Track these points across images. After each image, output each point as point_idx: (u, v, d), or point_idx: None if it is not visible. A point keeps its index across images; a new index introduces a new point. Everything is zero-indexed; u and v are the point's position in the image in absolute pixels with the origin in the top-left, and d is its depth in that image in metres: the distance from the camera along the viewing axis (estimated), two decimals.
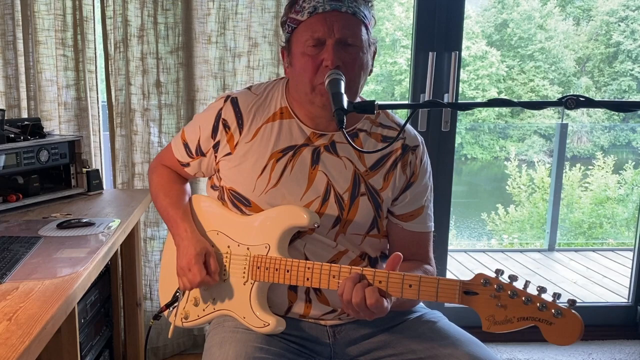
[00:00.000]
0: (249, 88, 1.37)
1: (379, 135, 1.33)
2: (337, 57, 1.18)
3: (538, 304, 1.01)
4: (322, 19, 1.18)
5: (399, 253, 1.14)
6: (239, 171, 1.31)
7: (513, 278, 1.04)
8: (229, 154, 1.33)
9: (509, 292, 1.03)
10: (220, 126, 1.33)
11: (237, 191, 1.32)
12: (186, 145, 1.41)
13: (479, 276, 1.06)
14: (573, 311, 1.00)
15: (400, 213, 1.35)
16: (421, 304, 1.41)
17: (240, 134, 1.32)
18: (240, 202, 1.31)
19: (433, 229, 1.39)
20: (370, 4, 1.25)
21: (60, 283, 1.18)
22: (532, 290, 1.03)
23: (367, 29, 1.23)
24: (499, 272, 1.05)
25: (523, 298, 1.02)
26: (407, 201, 1.34)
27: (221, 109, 1.34)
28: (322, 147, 1.29)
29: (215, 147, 1.35)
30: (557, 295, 1.02)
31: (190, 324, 1.37)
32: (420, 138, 1.37)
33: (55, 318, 1.05)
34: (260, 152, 1.30)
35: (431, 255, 1.39)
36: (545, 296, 1.02)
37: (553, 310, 1.00)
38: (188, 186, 1.50)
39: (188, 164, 1.43)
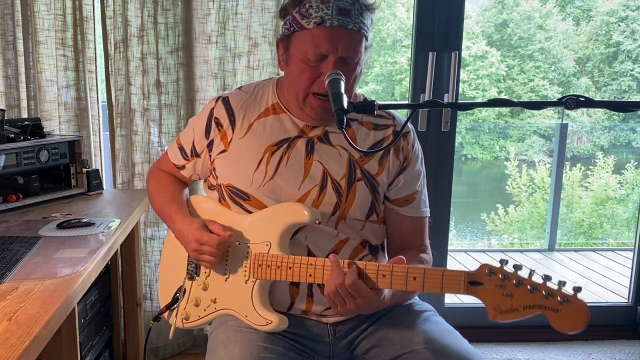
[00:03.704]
0: (240, 88, 1.40)
1: (370, 124, 1.35)
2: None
3: (544, 292, 1.02)
4: (327, 34, 1.18)
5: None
6: (235, 167, 1.33)
7: (518, 267, 1.05)
8: (224, 151, 1.34)
9: (514, 281, 1.04)
10: (213, 125, 1.35)
11: (235, 187, 1.32)
12: (181, 149, 1.43)
13: (484, 266, 1.07)
14: (579, 298, 1.00)
15: (395, 198, 1.36)
16: (416, 297, 1.43)
17: (233, 130, 1.33)
18: (240, 197, 1.32)
19: (429, 214, 1.41)
20: (372, 11, 1.25)
21: (60, 283, 1.18)
22: (537, 278, 1.04)
23: (366, 39, 1.24)
24: (503, 261, 1.06)
25: (528, 286, 1.03)
26: (400, 185, 1.35)
27: (213, 108, 1.36)
28: (316, 138, 1.31)
29: (209, 146, 1.36)
30: (562, 283, 1.02)
31: (191, 325, 1.37)
32: (410, 125, 1.39)
33: (55, 318, 1.05)
34: (255, 146, 1.31)
35: (427, 242, 1.40)
36: (550, 284, 1.03)
37: (559, 298, 1.01)
38: (186, 190, 1.50)
39: (183, 167, 1.45)
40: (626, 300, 2.83)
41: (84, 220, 1.63)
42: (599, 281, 4.08)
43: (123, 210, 1.81)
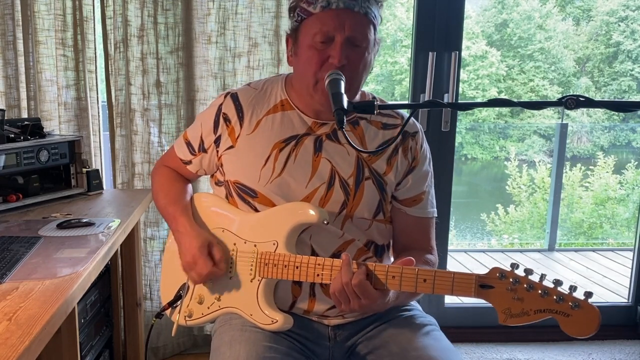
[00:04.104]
0: (249, 84, 1.40)
1: (379, 123, 1.34)
2: (344, 55, 1.19)
3: (555, 297, 1.03)
4: (334, 15, 1.19)
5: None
6: (242, 163, 1.32)
7: (529, 271, 1.06)
8: (231, 147, 1.34)
9: (525, 285, 1.05)
10: (221, 120, 1.35)
11: (242, 183, 1.32)
12: (188, 144, 1.43)
13: (495, 270, 1.07)
14: (590, 303, 1.01)
15: (403, 198, 1.36)
16: (419, 307, 1.42)
17: (241, 126, 1.33)
18: (247, 194, 1.32)
19: (436, 215, 1.41)
20: (380, 4, 1.25)
21: (60, 283, 1.18)
22: (548, 283, 1.05)
23: (375, 28, 1.24)
24: (514, 265, 1.07)
25: (540, 291, 1.04)
26: (409, 185, 1.35)
27: (221, 104, 1.36)
28: (324, 136, 1.31)
29: (217, 141, 1.36)
30: (573, 288, 1.03)
31: (193, 322, 1.37)
32: (418, 125, 1.39)
33: (55, 318, 1.05)
34: (263, 143, 1.31)
35: (433, 243, 1.40)
36: (561, 289, 1.04)
37: (570, 303, 1.02)
38: (190, 186, 1.50)
39: (190, 162, 1.44)
40: (626, 300, 2.83)
41: (84, 220, 1.63)
42: (599, 281, 4.08)
43: (123, 210, 1.81)
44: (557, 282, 1.04)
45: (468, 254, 4.74)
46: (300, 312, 1.33)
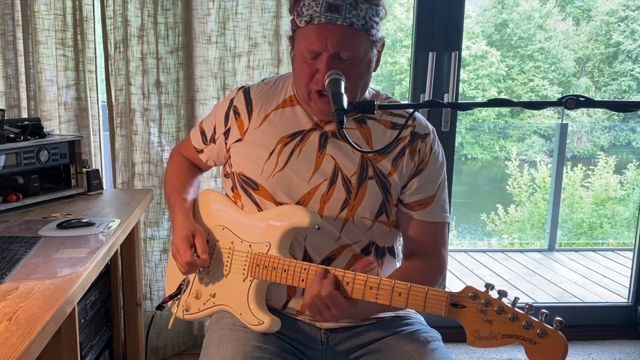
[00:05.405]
0: (263, 80, 1.42)
1: (388, 123, 1.33)
2: (331, 70, 1.18)
3: (524, 322, 0.99)
4: (316, 31, 1.18)
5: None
6: (248, 156, 1.34)
7: (502, 293, 1.02)
8: (239, 140, 1.36)
9: (495, 307, 1.01)
10: (231, 113, 1.37)
11: (246, 175, 1.34)
12: (202, 133, 1.46)
13: (468, 289, 1.04)
14: (559, 332, 0.97)
15: (409, 201, 1.33)
16: (422, 319, 1.41)
17: (250, 120, 1.35)
18: (249, 186, 1.33)
19: (447, 221, 1.36)
20: (373, 2, 1.20)
21: (60, 283, 1.18)
22: (519, 307, 1.01)
23: (368, 32, 1.20)
24: (489, 286, 1.03)
25: (509, 315, 1.00)
26: (414, 188, 1.32)
27: (234, 97, 1.39)
28: (330, 133, 1.31)
29: (226, 133, 1.38)
30: (544, 315, 0.99)
31: (190, 317, 1.38)
32: (431, 127, 1.36)
33: (55, 318, 1.05)
34: (269, 136, 1.32)
35: (442, 250, 1.35)
36: (532, 315, 1.00)
37: (538, 330, 0.98)
38: (199, 178, 1.53)
39: (202, 151, 1.48)
40: (626, 300, 2.82)
41: (84, 220, 1.63)
42: (599, 281, 4.08)
43: (123, 210, 1.81)
44: (529, 308, 1.00)
45: (468, 254, 4.74)
46: (293, 312, 1.33)
